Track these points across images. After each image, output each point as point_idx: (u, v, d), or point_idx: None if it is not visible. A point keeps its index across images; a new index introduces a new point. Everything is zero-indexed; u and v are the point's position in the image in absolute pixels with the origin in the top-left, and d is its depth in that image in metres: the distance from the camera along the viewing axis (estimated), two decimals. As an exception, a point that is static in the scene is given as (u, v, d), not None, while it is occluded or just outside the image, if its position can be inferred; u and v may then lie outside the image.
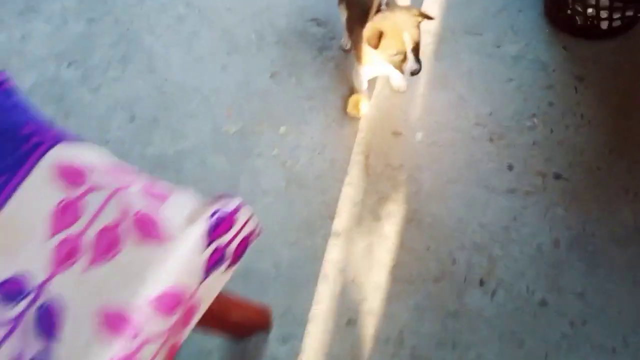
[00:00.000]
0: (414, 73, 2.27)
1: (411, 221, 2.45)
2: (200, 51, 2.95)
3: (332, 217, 2.49)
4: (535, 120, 2.59)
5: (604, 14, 2.56)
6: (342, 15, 2.65)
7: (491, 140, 2.58)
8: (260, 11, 3.02)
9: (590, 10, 2.57)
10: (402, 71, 2.29)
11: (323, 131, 2.67)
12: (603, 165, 2.47)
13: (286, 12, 3.00)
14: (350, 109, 2.67)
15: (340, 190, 2.55)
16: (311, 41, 2.90)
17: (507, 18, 2.81)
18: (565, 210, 2.41)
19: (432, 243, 2.40)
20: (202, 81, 2.86)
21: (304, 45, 2.89)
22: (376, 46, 2.26)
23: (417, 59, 2.25)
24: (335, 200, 2.53)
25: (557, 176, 2.48)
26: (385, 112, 2.68)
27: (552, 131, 2.56)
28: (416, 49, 2.25)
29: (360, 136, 2.65)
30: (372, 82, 2.70)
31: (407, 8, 2.30)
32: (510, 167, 2.52)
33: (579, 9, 2.60)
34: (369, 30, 2.26)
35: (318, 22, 2.95)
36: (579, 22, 2.66)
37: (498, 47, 2.77)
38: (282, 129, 2.70)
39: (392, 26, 2.22)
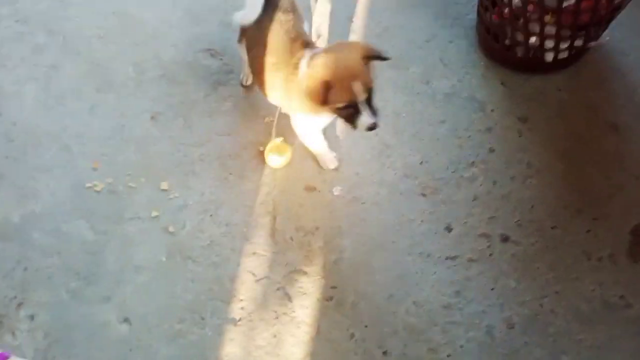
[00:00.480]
0: (371, 128, 1.79)
1: (330, 300, 1.94)
2: (62, 88, 2.34)
3: (227, 300, 1.93)
4: (475, 170, 2.15)
5: (549, 43, 2.18)
6: (243, 54, 2.16)
7: (424, 195, 2.11)
8: (143, 40, 2.47)
9: (533, 39, 2.19)
10: (354, 126, 1.81)
11: (217, 186, 2.12)
12: (558, 223, 2.05)
13: (174, 41, 2.46)
14: (268, 159, 2.16)
15: (238, 263, 1.99)
16: (203, 75, 2.37)
17: (436, 50, 2.40)
18: (518, 281, 1.95)
19: (357, 329, 1.88)
20: (63, 126, 2.25)
21: (195, 81, 2.35)
22: (323, 102, 1.76)
23: (372, 111, 1.78)
24: (232, 276, 1.97)
25: (505, 238, 2.03)
26: (295, 162, 2.16)
27: (495, 183, 2.13)
28: (369, 98, 1.77)
29: (265, 192, 2.12)
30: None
31: (352, 46, 1.83)
32: (448, 229, 2.05)
33: (520, 38, 2.22)
34: (310, 82, 1.77)
35: (212, 52, 2.43)
36: (519, 54, 2.28)
37: (427, 83, 2.33)
38: (164, 185, 2.13)
39: (339, 75, 1.73)
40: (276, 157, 2.13)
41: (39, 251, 2.01)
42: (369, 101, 1.77)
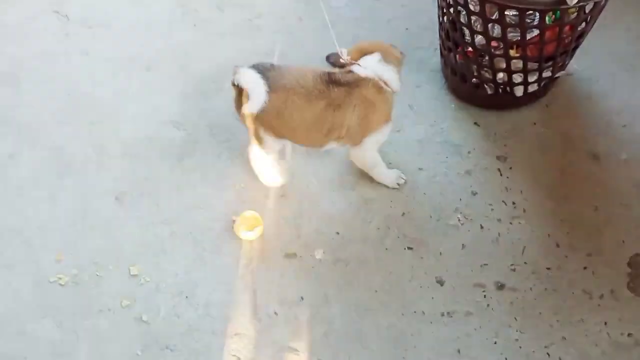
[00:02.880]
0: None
1: (323, 377, 1.78)
2: (20, 178, 2.22)
3: (212, 390, 1.77)
4: (459, 216, 2.06)
5: (517, 78, 2.13)
6: (270, 151, 2.08)
7: (410, 248, 2.01)
8: (100, 118, 2.37)
9: (500, 75, 2.14)
10: None
11: (191, 265, 2.00)
12: (553, 264, 1.95)
13: (133, 116, 2.36)
14: (238, 233, 2.04)
15: (221, 348, 1.86)
16: (167, 148, 2.27)
17: (403, 96, 2.31)
18: (520, 331, 1.84)
19: (356, 406, 1.73)
20: (23, 218, 2.12)
21: (158, 155, 2.25)
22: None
23: None
24: (216, 362, 1.81)
25: (500, 286, 1.92)
26: (272, 230, 2.05)
27: (482, 228, 2.03)
28: None
29: (243, 265, 1.99)
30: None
31: None
32: (440, 282, 1.93)
33: (488, 75, 2.16)
34: None
35: (174, 123, 2.33)
36: (489, 92, 2.22)
37: (398, 131, 2.26)
38: (134, 269, 1.99)
39: None
40: (247, 232, 2.01)
41: (4, 358, 1.84)
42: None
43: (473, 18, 2.01)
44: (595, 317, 1.84)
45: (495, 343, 1.82)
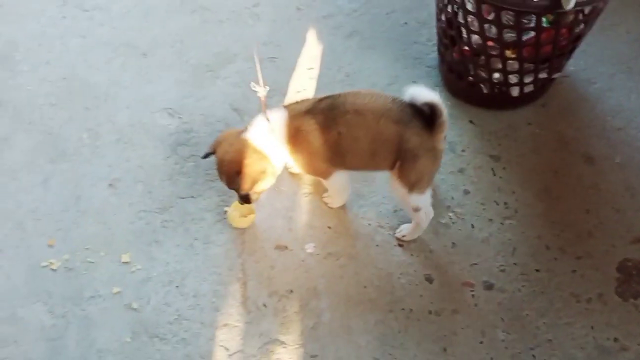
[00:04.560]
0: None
1: (310, 370, 1.79)
2: (14, 162, 2.22)
3: (199, 380, 1.78)
4: (451, 214, 2.06)
5: (513, 78, 2.12)
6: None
7: (400, 245, 2.01)
8: (95, 103, 2.36)
9: (497, 75, 2.13)
10: None
11: (182, 255, 2.00)
12: (542, 265, 1.96)
13: (128, 103, 2.35)
14: (231, 219, 2.05)
15: (209, 338, 1.86)
16: (161, 136, 2.26)
17: (399, 92, 2.28)
18: (506, 332, 1.85)
19: (341, 400, 1.75)
20: (16, 202, 2.12)
21: (153, 143, 2.25)
22: (206, 156, 1.94)
23: (243, 199, 1.92)
24: (204, 353, 1.84)
25: (489, 286, 1.93)
26: (264, 221, 2.06)
27: (473, 227, 2.04)
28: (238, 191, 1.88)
29: (234, 256, 2.00)
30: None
31: (240, 150, 1.83)
32: (429, 279, 1.94)
33: (484, 74, 2.16)
34: (216, 138, 1.92)
35: (170, 112, 2.33)
36: (484, 91, 2.21)
37: (394, 126, 2.25)
38: (125, 257, 2.00)
39: (216, 163, 1.88)
40: (240, 218, 2.02)
41: (-7, 343, 1.86)
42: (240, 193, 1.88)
43: (470, 17, 2.00)
44: (582, 321, 1.85)
45: (482, 343, 1.83)
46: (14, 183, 2.17)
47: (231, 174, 1.82)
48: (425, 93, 1.69)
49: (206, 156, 1.88)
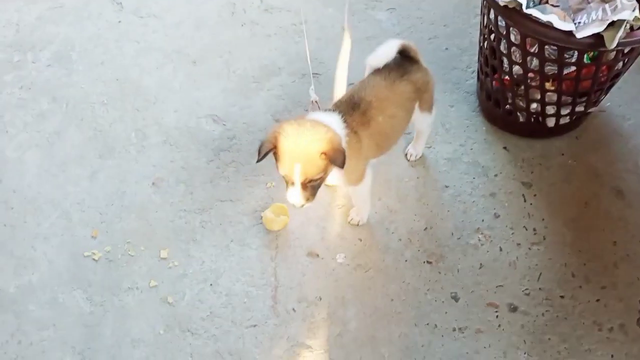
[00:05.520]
0: (295, 205, 1.78)
1: (333, 376, 1.85)
2: (64, 155, 2.33)
3: (227, 375, 1.85)
4: (480, 236, 2.11)
5: (550, 109, 2.18)
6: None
7: (429, 262, 2.06)
8: (145, 105, 2.47)
9: (534, 105, 2.19)
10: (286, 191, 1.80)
11: (218, 255, 2.08)
12: (566, 292, 2.00)
13: (176, 107, 2.46)
14: (266, 220, 2.13)
15: (239, 336, 1.93)
16: (205, 141, 2.36)
17: (437, 114, 2.37)
18: (528, 354, 1.89)
19: (362, 407, 1.80)
20: (64, 193, 2.23)
21: (196, 146, 2.35)
22: (260, 159, 1.75)
23: (306, 194, 1.75)
24: (233, 350, 1.91)
25: (513, 309, 1.97)
26: (297, 229, 2.13)
27: (501, 250, 2.08)
28: (310, 185, 1.74)
29: (267, 260, 2.07)
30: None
31: (320, 130, 1.72)
32: (455, 298, 1.99)
33: (521, 104, 2.22)
34: (267, 135, 1.75)
35: (215, 118, 2.43)
36: (521, 119, 2.27)
37: (429, 148, 2.33)
38: (164, 253, 2.08)
39: (285, 149, 1.70)
40: (275, 218, 2.10)
41: (34, 323, 1.95)
42: (306, 186, 1.74)
43: (512, 48, 2.07)
44: (603, 349, 1.88)
45: (503, 363, 1.88)
46: (63, 175, 2.28)
47: (313, 155, 1.69)
48: (388, 47, 1.96)
49: (262, 157, 1.74)
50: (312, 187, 1.75)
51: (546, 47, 1.97)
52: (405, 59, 1.97)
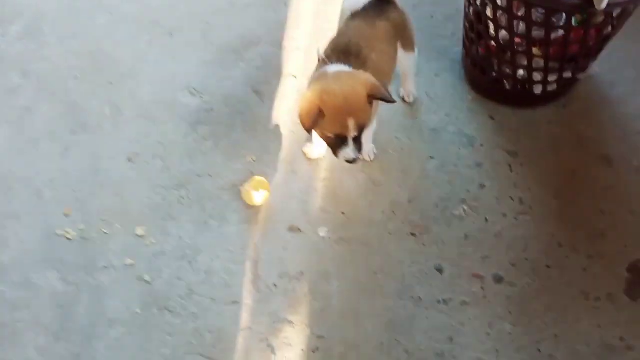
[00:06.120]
0: (350, 162, 1.77)
1: (316, 352, 1.82)
2: (36, 131, 2.25)
3: (207, 354, 1.82)
4: (465, 207, 2.06)
5: (537, 76, 2.12)
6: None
7: (413, 235, 2.02)
8: (119, 79, 2.39)
9: (521, 72, 2.13)
10: (335, 154, 1.78)
11: (196, 231, 2.02)
12: (553, 262, 1.96)
13: (151, 80, 2.38)
14: (245, 195, 2.06)
15: (219, 314, 1.88)
16: (182, 114, 2.28)
17: (421, 84, 2.33)
18: (513, 325, 1.85)
19: (345, 382, 1.76)
20: (35, 170, 2.15)
21: (173, 120, 2.27)
22: (311, 127, 1.70)
23: (358, 146, 1.75)
24: (212, 328, 1.86)
25: (498, 279, 1.93)
26: (278, 203, 2.07)
27: (486, 221, 2.04)
28: (359, 136, 1.75)
29: (247, 235, 2.01)
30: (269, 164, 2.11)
31: (360, 81, 1.70)
32: (439, 270, 1.95)
33: (508, 71, 2.15)
34: (305, 102, 1.70)
35: (192, 90, 2.35)
36: (507, 87, 2.21)
37: (413, 118, 2.27)
38: (140, 230, 2.02)
39: (337, 108, 1.67)
40: (254, 192, 2.03)
41: (7, 305, 1.89)
42: (357, 137, 1.73)
43: (499, 12, 2.00)
44: (590, 319, 1.85)
45: (488, 334, 1.84)
46: (34, 151, 2.20)
47: (363, 103, 1.69)
48: None
49: (314, 124, 1.69)
50: (359, 138, 1.75)
51: (533, 10, 1.90)
52: (381, 1, 1.96)
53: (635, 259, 1.94)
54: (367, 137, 2.10)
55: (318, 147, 2.13)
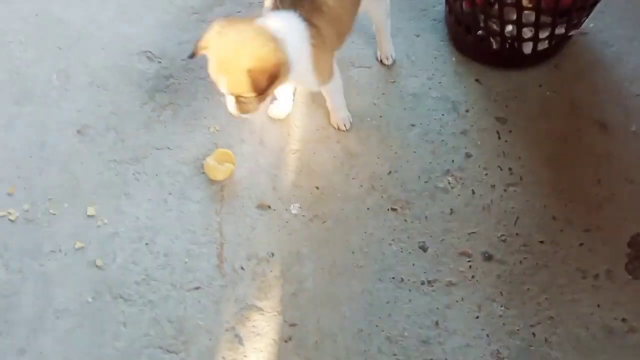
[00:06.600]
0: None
1: (289, 341, 1.66)
2: (-26, 101, 2.03)
3: (167, 347, 1.65)
4: (450, 179, 1.90)
5: (527, 32, 1.94)
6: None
7: (394, 210, 1.85)
8: (68, 43, 2.17)
9: (509, 28, 1.95)
10: None
11: (154, 210, 1.84)
12: (546, 237, 1.81)
13: (104, 44, 2.17)
14: (208, 169, 1.89)
15: (180, 301, 1.71)
16: (138, 81, 2.08)
17: (402, 45, 2.14)
18: (505, 307, 1.70)
19: (321, 374, 1.60)
20: (-26, 145, 1.94)
21: (128, 88, 2.07)
22: (192, 56, 1.63)
23: (243, 107, 1.62)
24: (173, 317, 1.69)
25: (488, 257, 1.78)
26: (245, 178, 1.89)
27: (473, 193, 1.88)
28: (242, 100, 1.60)
29: (211, 214, 1.83)
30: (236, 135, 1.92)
31: (260, 45, 1.53)
32: (423, 248, 1.79)
33: (495, 27, 1.97)
34: (208, 29, 1.58)
35: (149, 55, 2.14)
36: (494, 47, 2.03)
37: (393, 82, 2.08)
38: (91, 210, 1.84)
39: (214, 56, 1.56)
40: (218, 165, 1.85)
41: (-59, 297, 1.70)
42: (239, 99, 1.60)
43: (486, -39, 1.81)
44: (588, 298, 1.70)
45: (477, 317, 1.69)
46: (-27, 125, 1.99)
47: (239, 72, 1.52)
48: None
49: (192, 56, 1.62)
50: (248, 102, 1.59)
51: (523, -44, 1.71)
52: None
53: (635, 232, 1.80)
54: (337, 104, 1.93)
55: (283, 104, 1.96)
